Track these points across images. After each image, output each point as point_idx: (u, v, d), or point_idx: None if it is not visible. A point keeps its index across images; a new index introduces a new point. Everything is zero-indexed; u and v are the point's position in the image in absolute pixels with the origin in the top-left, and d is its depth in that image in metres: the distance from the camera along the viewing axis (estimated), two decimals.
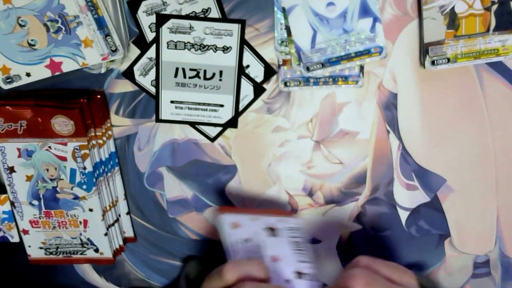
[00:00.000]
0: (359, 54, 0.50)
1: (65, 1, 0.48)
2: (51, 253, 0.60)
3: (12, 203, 0.57)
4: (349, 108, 0.54)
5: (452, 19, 0.49)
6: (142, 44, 0.53)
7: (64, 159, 0.54)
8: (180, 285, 0.59)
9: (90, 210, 0.56)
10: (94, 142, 0.54)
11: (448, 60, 0.50)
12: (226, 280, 0.42)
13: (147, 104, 0.55)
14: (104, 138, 0.55)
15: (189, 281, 0.59)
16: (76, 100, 0.52)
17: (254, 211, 0.51)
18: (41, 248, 0.59)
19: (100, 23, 0.49)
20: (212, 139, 0.57)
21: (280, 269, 0.46)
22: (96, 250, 0.59)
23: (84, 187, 0.55)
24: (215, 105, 0.54)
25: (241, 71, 0.53)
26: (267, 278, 0.43)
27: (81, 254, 0.60)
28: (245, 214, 0.50)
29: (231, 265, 0.43)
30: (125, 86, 0.55)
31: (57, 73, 0.51)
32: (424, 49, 0.50)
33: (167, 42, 0.52)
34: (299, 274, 0.46)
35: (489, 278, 0.62)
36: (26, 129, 0.53)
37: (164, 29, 0.51)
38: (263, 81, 0.54)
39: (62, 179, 0.55)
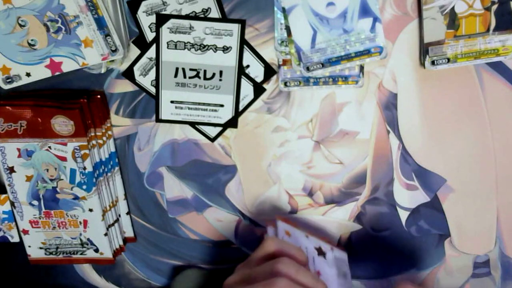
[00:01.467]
0: (359, 54, 0.50)
1: (65, 1, 0.48)
2: (51, 253, 0.60)
3: (12, 203, 0.57)
4: (349, 108, 0.54)
5: (452, 19, 0.49)
6: (142, 44, 0.53)
7: (64, 159, 0.54)
8: None
9: (90, 210, 0.56)
10: (94, 142, 0.54)
11: (448, 60, 0.50)
12: (266, 249, 0.43)
13: (147, 104, 0.55)
14: (104, 138, 0.55)
15: None
16: (76, 100, 0.52)
17: (306, 231, 0.52)
18: (41, 248, 0.59)
19: (100, 23, 0.49)
20: (212, 139, 0.57)
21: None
22: (96, 250, 0.59)
23: (84, 187, 0.55)
24: (215, 105, 0.54)
25: (241, 71, 0.53)
26: (305, 263, 0.43)
27: (81, 254, 0.60)
28: (299, 230, 0.51)
29: (273, 238, 0.44)
30: (125, 86, 0.55)
31: (57, 73, 0.51)
32: (424, 49, 0.50)
33: (167, 42, 0.52)
34: None
35: (489, 278, 0.62)
36: (26, 129, 0.53)
37: (164, 29, 0.51)
38: (263, 81, 0.54)
39: (62, 179, 0.55)
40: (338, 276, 0.48)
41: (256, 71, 0.53)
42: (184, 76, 0.53)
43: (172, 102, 0.54)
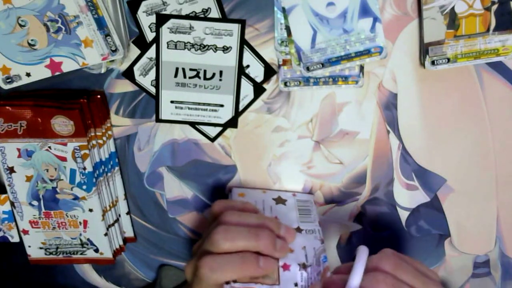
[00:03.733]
0: (359, 54, 0.50)
1: (65, 1, 0.48)
2: (51, 253, 0.60)
3: (12, 203, 0.57)
4: (349, 108, 0.54)
5: (452, 19, 0.49)
6: (142, 44, 0.53)
7: (64, 159, 0.54)
8: None
9: (90, 210, 0.56)
10: (94, 142, 0.54)
11: (448, 60, 0.50)
12: (213, 210, 0.43)
13: (147, 104, 0.55)
14: (104, 138, 0.55)
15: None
16: (76, 100, 0.52)
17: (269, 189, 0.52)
18: (41, 248, 0.59)
19: (100, 23, 0.49)
20: (212, 139, 0.57)
21: None
22: (96, 250, 0.59)
23: (84, 187, 0.55)
24: (215, 105, 0.54)
25: (241, 71, 0.53)
26: (253, 211, 0.44)
27: (81, 254, 0.60)
28: (258, 189, 0.50)
29: (220, 200, 0.44)
30: (125, 86, 0.55)
31: (57, 73, 0.51)
32: (424, 49, 0.50)
33: (167, 42, 0.52)
34: (298, 230, 0.46)
35: (489, 278, 0.62)
36: (26, 129, 0.53)
37: (164, 29, 0.51)
38: (263, 81, 0.54)
39: (62, 180, 0.55)
40: (300, 214, 0.49)
41: (256, 71, 0.53)
42: (184, 76, 0.53)
43: (172, 102, 0.54)
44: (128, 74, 0.54)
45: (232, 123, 0.55)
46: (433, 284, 0.40)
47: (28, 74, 0.51)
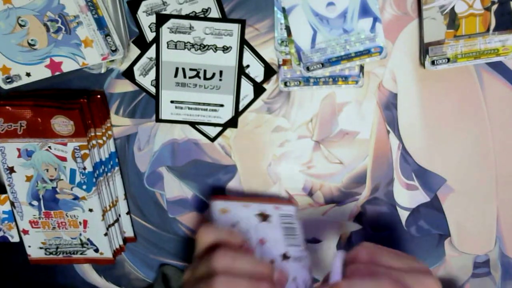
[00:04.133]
0: (359, 54, 0.50)
1: (65, 1, 0.48)
2: (51, 253, 0.60)
3: (12, 203, 0.57)
4: (349, 108, 0.54)
5: (452, 19, 0.49)
6: (142, 44, 0.53)
7: (64, 159, 0.54)
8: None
9: (90, 210, 0.56)
10: (94, 142, 0.54)
11: (448, 60, 0.50)
12: (200, 243, 0.42)
13: (147, 104, 0.55)
14: (104, 138, 0.55)
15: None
16: (76, 100, 0.52)
17: (248, 199, 0.51)
18: (41, 248, 0.59)
19: (100, 23, 0.49)
20: (212, 139, 0.57)
21: (266, 250, 0.45)
22: (96, 250, 0.59)
23: (84, 187, 0.55)
24: (215, 105, 0.54)
25: (241, 71, 0.53)
26: (241, 243, 0.43)
27: (81, 254, 0.60)
28: (238, 202, 0.49)
29: (204, 229, 0.43)
30: (125, 86, 0.55)
31: (57, 73, 0.51)
32: (424, 49, 0.50)
33: (167, 42, 0.52)
34: (286, 257, 0.46)
35: (489, 278, 0.62)
36: (26, 129, 0.53)
37: (164, 29, 0.51)
38: (263, 81, 0.54)
39: (62, 180, 0.55)
40: (285, 235, 0.48)
41: (256, 71, 0.53)
42: (184, 76, 0.53)
43: (172, 102, 0.54)
44: (128, 74, 0.54)
45: (232, 123, 0.55)
46: (412, 261, 0.40)
47: (28, 74, 0.51)
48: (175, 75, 0.53)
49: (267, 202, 0.51)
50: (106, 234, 0.58)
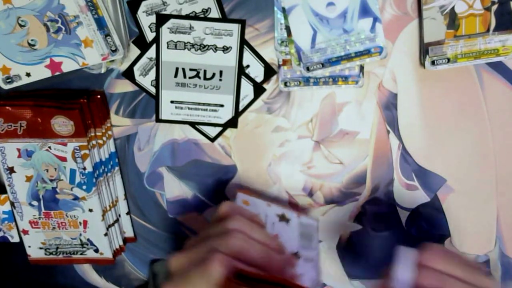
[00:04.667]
0: (359, 54, 0.50)
1: (65, 1, 0.48)
2: (51, 253, 0.60)
3: (12, 203, 0.57)
4: (349, 108, 0.54)
5: (452, 19, 0.49)
6: (142, 44, 0.53)
7: (64, 159, 0.54)
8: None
9: (90, 210, 0.56)
10: (94, 142, 0.54)
11: (448, 60, 0.50)
12: (220, 211, 0.43)
13: (147, 104, 0.55)
14: (104, 138, 0.55)
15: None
16: (76, 100, 0.52)
17: (273, 201, 0.51)
18: (41, 248, 0.59)
19: (100, 23, 0.49)
20: (212, 139, 0.57)
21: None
22: (96, 250, 0.59)
23: (84, 187, 0.55)
24: (215, 105, 0.54)
25: (241, 71, 0.53)
26: (259, 224, 0.43)
27: (81, 254, 0.60)
28: (262, 200, 0.50)
29: (229, 202, 0.44)
30: (125, 86, 0.55)
31: (57, 73, 0.51)
32: (424, 49, 0.50)
33: (167, 42, 0.52)
34: (297, 256, 0.46)
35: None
36: (26, 129, 0.53)
37: (164, 29, 0.51)
38: (263, 81, 0.54)
39: (62, 180, 0.55)
40: (301, 238, 0.48)
41: (256, 71, 0.53)
42: (184, 76, 0.53)
43: (172, 102, 0.54)
44: (128, 74, 0.54)
45: (232, 123, 0.55)
46: (480, 274, 0.41)
47: (28, 74, 0.51)
48: (175, 75, 0.53)
49: (290, 208, 0.51)
50: (106, 234, 0.58)
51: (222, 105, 0.54)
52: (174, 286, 0.39)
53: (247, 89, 0.54)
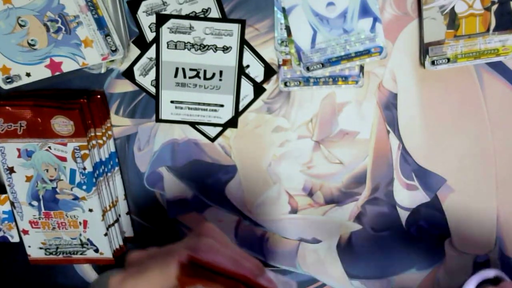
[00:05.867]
0: (359, 54, 0.50)
1: (65, 1, 0.48)
2: (51, 253, 0.60)
3: (12, 203, 0.57)
4: (349, 108, 0.54)
5: (452, 19, 0.49)
6: (142, 44, 0.53)
7: (64, 159, 0.54)
8: None
9: (90, 210, 0.56)
10: (94, 142, 0.54)
11: (448, 60, 0.50)
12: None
13: (147, 104, 0.55)
14: (104, 138, 0.55)
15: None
16: (76, 100, 0.52)
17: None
18: (41, 248, 0.59)
19: (100, 23, 0.49)
20: (212, 139, 0.57)
21: None
22: (96, 250, 0.59)
23: (84, 187, 0.55)
24: (215, 105, 0.54)
25: (241, 71, 0.53)
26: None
27: (81, 254, 0.60)
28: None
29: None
30: (125, 86, 0.55)
31: (57, 73, 0.51)
32: (424, 49, 0.50)
33: (167, 42, 0.52)
34: None
35: None
36: (26, 129, 0.53)
37: (164, 29, 0.51)
38: (263, 81, 0.54)
39: (62, 180, 0.55)
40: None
41: (256, 71, 0.53)
42: (184, 76, 0.53)
43: (172, 102, 0.54)
44: (128, 74, 0.54)
45: (232, 123, 0.55)
46: None
47: (28, 74, 0.51)
48: (175, 75, 0.53)
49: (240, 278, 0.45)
50: (106, 234, 0.58)
51: (222, 105, 0.54)
52: (127, 275, 0.36)
53: (247, 89, 0.54)
